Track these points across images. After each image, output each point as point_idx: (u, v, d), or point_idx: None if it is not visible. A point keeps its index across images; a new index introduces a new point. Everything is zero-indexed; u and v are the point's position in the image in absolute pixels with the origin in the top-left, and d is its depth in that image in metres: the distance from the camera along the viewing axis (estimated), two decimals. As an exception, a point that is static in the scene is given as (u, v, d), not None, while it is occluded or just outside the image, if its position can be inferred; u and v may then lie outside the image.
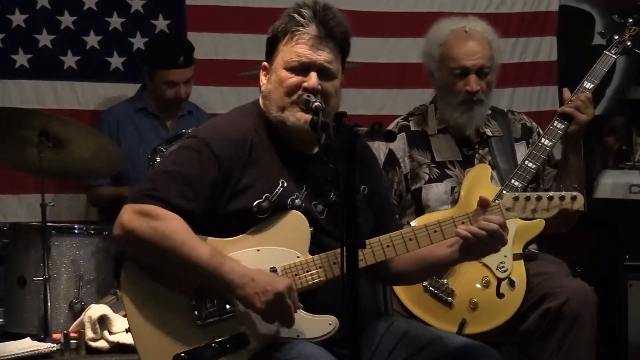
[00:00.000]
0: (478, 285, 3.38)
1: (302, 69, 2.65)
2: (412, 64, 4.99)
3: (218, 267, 2.50)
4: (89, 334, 3.52)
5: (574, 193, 2.72)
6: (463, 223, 2.66)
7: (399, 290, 3.44)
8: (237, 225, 2.61)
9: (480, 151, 3.65)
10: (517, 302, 3.37)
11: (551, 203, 2.70)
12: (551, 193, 2.70)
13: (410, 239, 2.64)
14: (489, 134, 3.67)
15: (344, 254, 2.29)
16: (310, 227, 2.61)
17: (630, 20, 3.71)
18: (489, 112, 3.71)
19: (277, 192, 2.63)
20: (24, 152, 4.01)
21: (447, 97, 3.61)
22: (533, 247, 3.65)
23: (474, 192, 3.46)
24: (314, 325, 2.56)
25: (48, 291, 3.82)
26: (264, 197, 2.62)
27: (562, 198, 2.70)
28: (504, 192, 3.46)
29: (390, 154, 3.65)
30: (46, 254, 3.84)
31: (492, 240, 2.60)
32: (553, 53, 5.51)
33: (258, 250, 2.60)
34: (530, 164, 3.50)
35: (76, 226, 4.08)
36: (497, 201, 2.72)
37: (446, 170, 3.60)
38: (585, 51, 5.49)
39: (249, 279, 2.49)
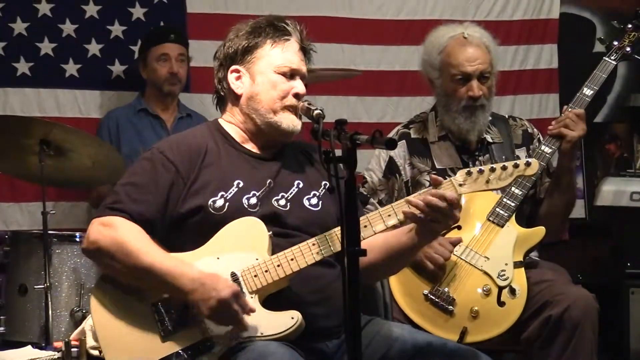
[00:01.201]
0: (479, 294, 3.37)
1: (290, 74, 2.80)
2: (413, 72, 4.97)
3: (169, 271, 2.59)
4: (90, 342, 3.50)
5: (529, 159, 2.69)
6: None
7: (399, 298, 3.44)
8: (195, 225, 2.69)
9: (480, 158, 3.65)
10: (518, 311, 3.37)
11: (505, 172, 2.66)
12: (505, 163, 2.66)
13: (365, 226, 2.65)
14: (490, 140, 3.68)
15: (345, 261, 2.31)
16: (269, 232, 2.66)
17: (630, 26, 3.71)
18: (490, 118, 3.72)
19: (232, 191, 2.73)
20: (25, 160, 4.01)
21: (449, 104, 3.62)
22: (534, 255, 3.65)
23: (474, 201, 3.48)
24: (275, 321, 2.60)
25: (49, 299, 3.81)
26: (219, 195, 2.71)
27: (516, 165, 2.66)
28: (504, 199, 3.47)
29: (391, 162, 3.66)
30: (47, 262, 3.84)
31: (437, 215, 2.61)
32: (554, 60, 5.51)
33: (218, 258, 2.67)
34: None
35: (77, 234, 4.07)
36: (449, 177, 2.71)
37: (446, 177, 3.59)
38: (586, 59, 5.49)
39: (199, 284, 2.56)
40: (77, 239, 4.02)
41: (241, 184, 2.74)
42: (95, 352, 3.50)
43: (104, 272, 2.76)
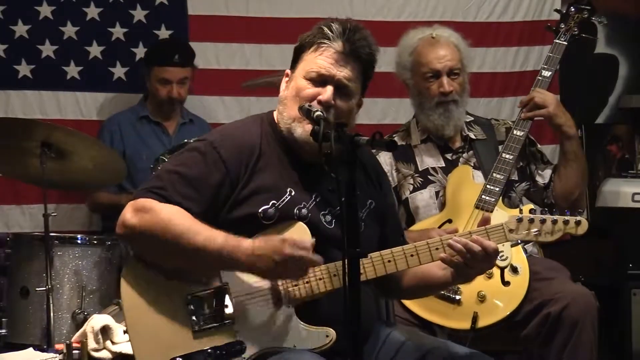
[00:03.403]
0: (482, 278, 3.39)
1: (320, 81, 2.65)
2: (414, 73, 5.00)
3: (222, 248, 2.50)
4: (92, 344, 3.52)
5: (578, 218, 2.71)
6: None
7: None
8: (243, 231, 2.59)
9: (464, 155, 3.72)
10: (524, 287, 3.41)
11: (555, 227, 2.68)
12: (555, 217, 2.69)
13: (412, 255, 2.63)
14: (473, 137, 3.76)
15: (346, 263, 2.29)
16: (312, 238, 2.58)
17: (572, 9, 3.84)
18: (472, 118, 3.79)
19: (284, 199, 2.63)
20: (26, 163, 4.02)
21: (423, 103, 3.73)
22: (534, 252, 3.67)
23: (460, 193, 3.58)
24: (310, 336, 2.57)
25: (51, 301, 3.82)
26: (270, 203, 2.61)
27: (566, 222, 2.69)
28: (488, 186, 3.53)
29: None
30: (49, 264, 3.85)
31: (473, 261, 2.59)
32: (555, 62, 5.50)
33: None
34: (507, 156, 3.60)
35: (79, 236, 4.08)
36: (501, 222, 2.70)
37: (429, 176, 3.68)
38: (586, 60, 5.49)
39: (255, 258, 2.48)
40: (79, 241, 4.03)
41: (293, 193, 2.64)
42: (97, 354, 3.51)
43: (143, 256, 2.64)
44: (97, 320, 3.55)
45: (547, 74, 3.76)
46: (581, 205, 3.76)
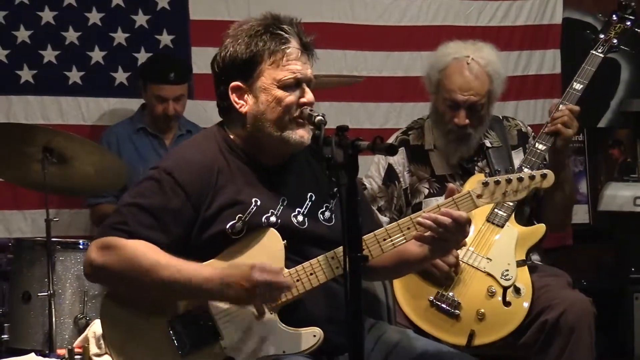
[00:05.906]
0: (484, 296, 3.37)
1: (296, 84, 2.66)
2: (415, 78, 4.99)
3: (191, 281, 2.51)
4: (93, 349, 3.51)
5: (544, 171, 2.65)
6: None
7: (404, 305, 3.44)
8: (214, 249, 2.61)
9: (479, 163, 3.66)
10: (524, 309, 3.37)
11: (521, 184, 2.62)
12: (521, 174, 2.63)
13: (384, 239, 2.61)
14: (488, 145, 3.67)
15: (347, 267, 2.29)
16: (283, 241, 2.60)
17: (615, 18, 3.66)
18: (490, 128, 3.71)
19: (250, 211, 2.63)
20: (28, 168, 4.02)
21: (437, 121, 3.63)
22: (536, 259, 3.66)
23: None
24: (298, 338, 2.57)
25: (53, 306, 3.82)
26: (237, 217, 2.61)
27: (532, 177, 2.63)
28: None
29: (390, 169, 3.66)
30: (51, 269, 3.84)
31: (446, 234, 2.57)
32: (557, 66, 5.50)
33: None
34: (526, 170, 3.48)
35: (81, 241, 4.07)
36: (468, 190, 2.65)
37: (446, 184, 3.60)
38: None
39: (225, 286, 2.49)
40: (81, 246, 4.02)
41: (259, 202, 2.64)
42: (99, 359, 3.51)
43: (113, 291, 2.67)
44: (99, 326, 3.55)
45: (578, 87, 3.55)
46: (565, 224, 3.77)
